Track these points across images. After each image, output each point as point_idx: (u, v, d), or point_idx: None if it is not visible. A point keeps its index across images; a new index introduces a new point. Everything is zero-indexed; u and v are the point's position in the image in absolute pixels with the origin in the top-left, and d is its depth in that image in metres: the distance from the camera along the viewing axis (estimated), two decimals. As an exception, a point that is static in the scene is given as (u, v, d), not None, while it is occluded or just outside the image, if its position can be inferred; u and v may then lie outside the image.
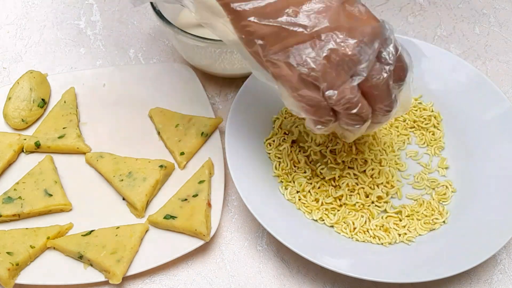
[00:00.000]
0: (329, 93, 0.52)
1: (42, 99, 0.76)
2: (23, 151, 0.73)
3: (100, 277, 0.63)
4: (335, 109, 0.54)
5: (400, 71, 0.55)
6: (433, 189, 0.69)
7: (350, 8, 0.53)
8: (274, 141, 0.70)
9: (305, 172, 0.68)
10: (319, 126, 0.56)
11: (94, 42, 0.86)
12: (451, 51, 0.84)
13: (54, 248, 0.65)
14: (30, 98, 0.75)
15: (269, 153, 0.70)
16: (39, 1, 0.91)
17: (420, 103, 0.74)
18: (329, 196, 0.67)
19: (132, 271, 0.63)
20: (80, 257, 0.64)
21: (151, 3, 0.73)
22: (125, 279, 0.63)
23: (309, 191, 0.67)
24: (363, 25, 0.52)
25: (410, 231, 0.65)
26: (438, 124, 0.73)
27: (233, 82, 0.80)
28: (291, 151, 0.69)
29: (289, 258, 0.66)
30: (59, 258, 0.65)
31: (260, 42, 0.53)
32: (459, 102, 0.73)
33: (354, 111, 0.53)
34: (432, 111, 0.74)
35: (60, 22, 0.88)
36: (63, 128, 0.73)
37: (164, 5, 0.73)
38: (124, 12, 0.89)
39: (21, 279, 0.63)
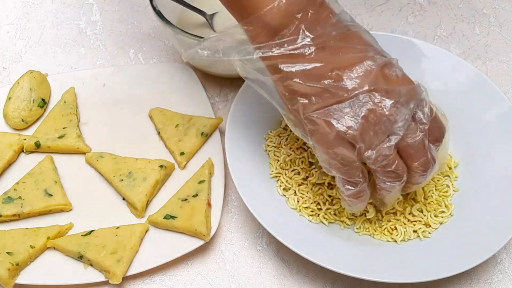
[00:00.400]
0: (367, 153, 0.55)
1: (42, 99, 0.76)
2: (23, 151, 0.73)
3: (100, 277, 0.63)
4: (372, 168, 0.57)
5: (436, 132, 0.58)
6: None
7: (388, 71, 0.56)
8: (276, 138, 0.71)
9: (299, 173, 0.68)
10: (348, 186, 0.58)
11: (94, 42, 0.86)
12: (451, 51, 0.84)
13: (54, 248, 0.65)
14: (30, 98, 0.75)
15: (268, 152, 0.70)
16: (39, 1, 0.91)
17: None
18: (325, 201, 0.67)
19: (132, 271, 0.63)
20: (80, 257, 0.64)
21: (151, 3, 0.73)
22: (125, 279, 0.63)
23: (307, 193, 0.67)
24: (399, 87, 0.55)
25: (426, 226, 0.65)
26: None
27: (233, 82, 0.80)
28: (291, 153, 0.69)
29: (289, 258, 0.66)
30: (59, 258, 0.65)
31: (302, 100, 0.55)
32: (459, 102, 0.73)
33: (391, 168, 0.56)
34: (432, 111, 0.74)
35: (60, 22, 0.88)
36: (63, 128, 0.73)
37: (164, 5, 0.74)
38: (124, 12, 0.89)
39: (21, 279, 0.63)
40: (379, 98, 0.55)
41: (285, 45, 0.55)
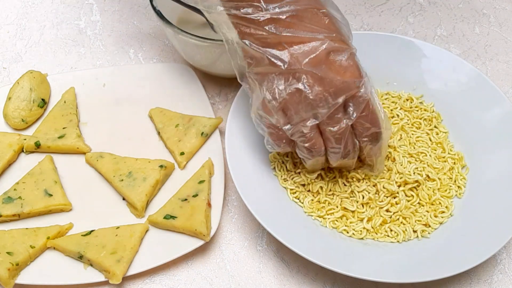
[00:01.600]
0: (286, 127, 0.60)
1: (42, 99, 0.76)
2: (23, 151, 0.73)
3: (100, 277, 0.63)
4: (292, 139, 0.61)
5: (366, 131, 0.61)
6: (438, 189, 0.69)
7: (334, 57, 0.58)
8: None
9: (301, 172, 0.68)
10: (269, 146, 0.64)
11: (94, 42, 0.86)
12: (451, 51, 0.84)
13: (54, 248, 0.65)
14: (30, 98, 0.75)
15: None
16: (39, 1, 0.91)
17: (421, 103, 0.75)
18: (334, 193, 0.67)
19: (132, 271, 0.63)
20: (80, 257, 0.64)
21: (151, 3, 0.73)
22: (125, 279, 0.63)
23: (317, 191, 0.67)
24: (336, 76, 0.57)
25: (426, 226, 0.65)
26: (438, 125, 0.73)
27: (233, 82, 0.80)
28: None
29: (289, 258, 0.66)
30: (59, 258, 0.65)
31: (249, 60, 0.60)
32: (459, 102, 0.73)
33: (306, 145, 0.60)
34: (433, 111, 0.74)
35: (60, 22, 0.88)
36: (63, 128, 0.73)
37: (164, 5, 0.73)
38: (124, 12, 0.89)
39: (21, 279, 0.63)
40: (311, 82, 0.57)
41: (241, 9, 0.58)
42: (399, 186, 0.67)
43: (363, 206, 0.67)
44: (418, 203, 0.67)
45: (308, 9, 0.58)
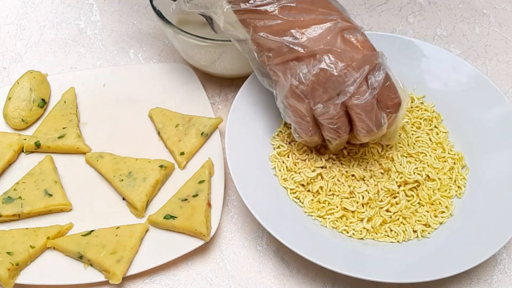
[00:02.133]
0: (316, 106, 0.61)
1: (42, 99, 0.76)
2: (23, 151, 0.73)
3: (100, 277, 0.63)
4: (319, 120, 0.62)
5: (389, 101, 0.61)
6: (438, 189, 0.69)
7: (348, 35, 0.60)
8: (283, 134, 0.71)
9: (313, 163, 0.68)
10: (296, 135, 0.65)
11: (94, 42, 0.86)
12: (451, 51, 0.84)
13: (54, 248, 0.65)
14: (30, 98, 0.75)
15: (277, 149, 0.70)
16: (39, 1, 0.91)
17: (422, 103, 0.75)
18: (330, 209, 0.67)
19: (132, 271, 0.63)
20: (80, 257, 0.64)
21: (151, 3, 0.73)
22: (125, 279, 0.63)
23: (317, 191, 0.67)
24: (355, 52, 0.59)
25: (426, 226, 0.65)
26: (438, 125, 0.73)
27: (233, 82, 0.80)
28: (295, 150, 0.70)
29: (289, 258, 0.66)
30: (59, 258, 0.65)
31: (267, 53, 0.61)
32: (459, 102, 0.73)
33: (334, 126, 0.62)
34: (434, 111, 0.74)
35: (60, 22, 0.88)
36: (63, 128, 0.73)
37: (164, 5, 0.73)
38: (124, 12, 0.89)
39: (21, 279, 0.63)
40: (333, 60, 0.59)
41: (251, 1, 0.60)
42: (399, 186, 0.67)
43: (363, 206, 0.67)
44: (418, 203, 0.67)
45: None
